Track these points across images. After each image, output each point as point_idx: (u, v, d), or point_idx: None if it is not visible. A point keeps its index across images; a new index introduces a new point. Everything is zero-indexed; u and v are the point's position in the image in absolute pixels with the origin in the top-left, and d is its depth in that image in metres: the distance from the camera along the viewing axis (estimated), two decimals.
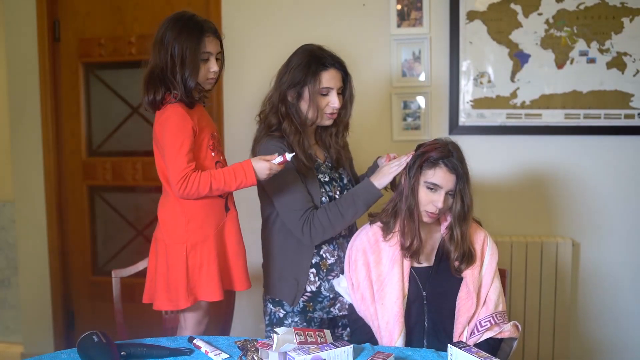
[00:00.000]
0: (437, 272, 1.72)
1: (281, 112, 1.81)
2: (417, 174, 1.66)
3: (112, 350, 1.44)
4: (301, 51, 1.84)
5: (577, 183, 2.52)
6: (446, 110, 2.57)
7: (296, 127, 1.80)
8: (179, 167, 1.69)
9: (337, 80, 1.81)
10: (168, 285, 1.78)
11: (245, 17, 2.70)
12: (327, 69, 1.79)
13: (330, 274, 1.87)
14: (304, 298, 1.86)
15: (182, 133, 1.70)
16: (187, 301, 1.77)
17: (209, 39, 1.76)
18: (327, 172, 1.89)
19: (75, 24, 2.93)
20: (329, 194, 1.85)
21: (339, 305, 1.90)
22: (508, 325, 1.68)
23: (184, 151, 1.69)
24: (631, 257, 2.52)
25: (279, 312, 1.89)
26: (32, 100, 2.95)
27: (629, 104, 2.45)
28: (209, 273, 1.78)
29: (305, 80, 1.78)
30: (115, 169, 2.97)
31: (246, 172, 1.71)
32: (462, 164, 1.65)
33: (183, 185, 1.69)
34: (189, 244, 1.77)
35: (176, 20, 1.77)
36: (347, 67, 1.85)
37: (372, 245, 1.74)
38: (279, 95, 1.81)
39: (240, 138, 1.91)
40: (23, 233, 3.06)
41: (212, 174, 1.72)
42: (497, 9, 2.48)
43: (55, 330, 3.05)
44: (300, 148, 1.80)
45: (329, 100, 1.80)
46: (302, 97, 1.80)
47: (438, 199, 1.64)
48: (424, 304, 1.69)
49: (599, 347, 2.59)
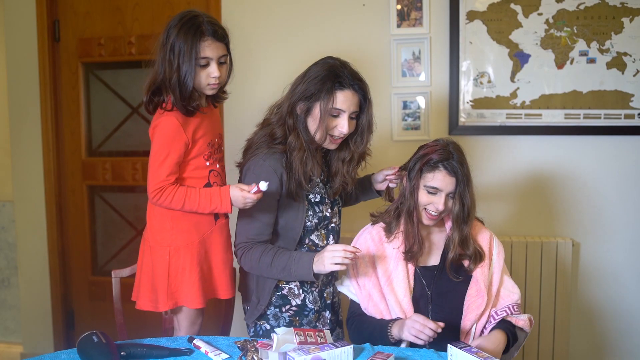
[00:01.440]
0: (442, 272, 1.72)
1: (288, 124, 1.69)
2: (416, 177, 1.66)
3: (112, 351, 1.44)
4: (322, 63, 1.69)
5: (577, 183, 2.52)
6: (446, 110, 2.57)
7: (301, 144, 1.68)
8: (158, 177, 1.68)
9: (352, 103, 1.66)
10: (151, 286, 1.79)
11: (245, 17, 2.70)
12: (343, 89, 1.64)
13: (314, 285, 1.82)
14: (289, 313, 1.80)
15: (169, 146, 1.68)
16: (166, 305, 1.77)
17: (207, 43, 1.66)
18: (319, 192, 1.79)
19: (75, 24, 2.93)
20: (318, 215, 1.78)
21: (322, 320, 1.87)
22: (524, 316, 1.71)
23: (168, 163, 1.68)
24: (631, 257, 2.52)
25: (264, 325, 1.82)
26: (32, 100, 2.95)
27: (629, 104, 2.45)
28: (191, 279, 1.77)
29: (318, 96, 1.64)
30: (115, 169, 2.97)
31: (222, 199, 1.69)
32: (462, 166, 1.64)
33: (157, 196, 1.69)
34: (172, 248, 1.76)
35: (178, 21, 1.69)
36: (368, 92, 1.71)
37: (376, 243, 1.75)
38: (289, 106, 1.69)
39: (236, 139, 1.88)
40: (23, 233, 3.06)
41: (189, 193, 1.70)
42: (497, 9, 2.48)
43: (55, 330, 3.05)
44: (301, 166, 1.68)
45: (337, 122, 1.66)
46: (310, 113, 1.67)
47: (438, 201, 1.64)
48: (428, 303, 1.70)
49: (599, 347, 2.59)
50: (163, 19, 2.81)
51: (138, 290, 1.84)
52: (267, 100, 1.85)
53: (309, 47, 1.92)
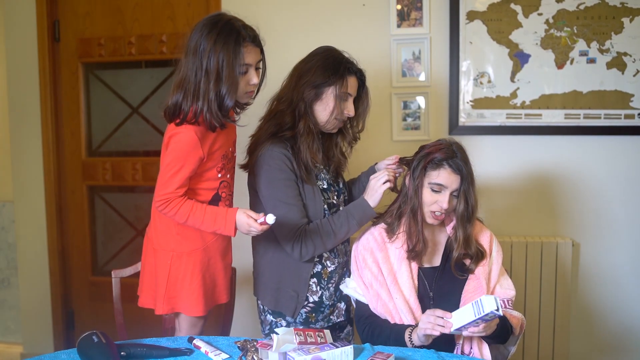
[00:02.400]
0: (443, 273, 1.72)
1: (299, 110, 1.75)
2: (420, 175, 1.66)
3: (112, 351, 1.43)
4: (325, 52, 1.79)
5: (577, 183, 2.52)
6: (446, 110, 2.57)
7: (310, 128, 1.75)
8: (166, 188, 1.64)
9: (356, 89, 1.80)
10: (153, 285, 1.79)
11: (245, 17, 2.69)
12: (352, 75, 1.77)
13: (330, 281, 1.85)
14: (306, 309, 1.83)
15: (184, 159, 1.63)
16: (163, 308, 1.76)
17: (247, 49, 1.60)
18: (325, 179, 1.85)
19: (75, 24, 2.93)
20: (327, 201, 1.82)
21: (337, 312, 1.89)
22: (517, 313, 1.70)
23: (180, 177, 1.64)
24: (631, 257, 2.52)
25: (280, 322, 1.85)
26: (32, 100, 2.95)
27: (629, 104, 2.45)
28: (192, 287, 1.75)
29: (330, 82, 1.73)
30: (115, 169, 2.97)
31: (227, 221, 1.64)
32: (466, 164, 1.65)
33: (162, 205, 1.66)
34: (175, 253, 1.75)
35: (211, 26, 1.59)
36: (366, 78, 1.84)
37: (379, 244, 1.74)
38: (297, 94, 1.75)
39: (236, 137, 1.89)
40: (23, 233, 3.06)
41: (194, 209, 1.65)
42: (497, 9, 2.48)
43: (55, 330, 3.05)
44: (309, 150, 1.75)
45: (345, 106, 1.77)
46: (319, 98, 1.75)
47: (443, 199, 1.64)
48: (430, 303, 1.69)
49: (599, 347, 2.59)
50: (163, 19, 2.82)
51: (141, 286, 1.84)
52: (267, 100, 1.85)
53: (309, 47, 1.93)
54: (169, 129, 1.67)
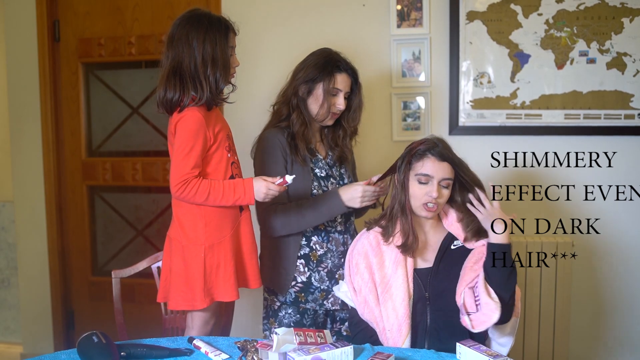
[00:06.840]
0: (437, 273, 1.72)
1: (292, 104, 1.95)
2: (406, 169, 1.70)
3: (112, 351, 1.44)
4: (320, 52, 1.98)
5: (577, 183, 2.52)
6: (446, 110, 2.57)
7: (303, 119, 1.94)
8: (182, 170, 1.68)
9: (347, 85, 1.95)
10: (185, 285, 1.77)
11: (245, 17, 2.69)
12: (341, 72, 1.93)
13: (320, 265, 1.94)
14: (295, 289, 1.94)
15: (194, 138, 1.69)
16: (203, 302, 1.76)
17: (231, 35, 1.78)
18: (324, 168, 1.98)
19: (75, 24, 2.93)
20: (323, 188, 1.96)
21: (332, 300, 1.96)
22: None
23: (192, 156, 1.69)
24: (631, 257, 2.52)
25: (274, 304, 1.99)
26: (32, 100, 2.95)
27: (629, 104, 2.45)
28: (226, 273, 1.78)
29: (320, 78, 1.91)
30: (115, 169, 2.97)
31: (246, 189, 1.73)
32: (450, 152, 1.70)
33: (181, 189, 1.69)
34: (207, 245, 1.76)
35: (198, 18, 1.74)
36: (358, 77, 1.99)
37: (374, 248, 1.74)
38: (293, 89, 1.95)
39: (235, 135, 1.92)
40: (23, 233, 3.06)
41: (213, 184, 1.71)
42: (497, 9, 2.48)
43: (55, 330, 3.05)
44: (301, 139, 1.93)
45: (335, 100, 1.94)
46: (312, 94, 1.93)
47: (431, 189, 1.67)
48: (426, 304, 1.69)
49: (599, 347, 2.59)
50: (163, 19, 2.82)
51: (167, 290, 1.82)
52: (267, 100, 1.92)
53: (309, 47, 1.95)
54: (174, 118, 1.74)
